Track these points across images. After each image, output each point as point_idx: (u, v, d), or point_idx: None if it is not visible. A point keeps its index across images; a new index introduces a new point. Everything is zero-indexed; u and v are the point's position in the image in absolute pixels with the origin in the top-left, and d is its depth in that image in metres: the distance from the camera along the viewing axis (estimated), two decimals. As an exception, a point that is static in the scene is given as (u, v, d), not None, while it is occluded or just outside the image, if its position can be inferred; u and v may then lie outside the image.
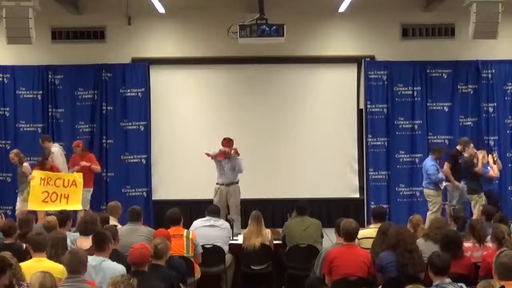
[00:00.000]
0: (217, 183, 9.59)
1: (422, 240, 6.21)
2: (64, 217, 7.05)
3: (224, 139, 9.53)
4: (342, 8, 10.72)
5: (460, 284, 4.87)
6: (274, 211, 10.88)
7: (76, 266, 4.70)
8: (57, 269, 4.95)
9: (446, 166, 10.12)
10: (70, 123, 11.23)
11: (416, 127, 11.28)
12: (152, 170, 11.34)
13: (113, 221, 7.35)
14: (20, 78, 11.21)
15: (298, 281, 7.17)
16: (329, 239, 8.39)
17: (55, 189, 9.19)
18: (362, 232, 6.72)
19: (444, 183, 10.14)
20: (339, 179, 11.38)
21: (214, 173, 10.13)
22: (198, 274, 6.94)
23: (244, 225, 9.01)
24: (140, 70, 11.28)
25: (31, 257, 5.35)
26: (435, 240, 6.04)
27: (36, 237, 5.36)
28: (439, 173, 10.04)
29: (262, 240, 7.56)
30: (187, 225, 7.61)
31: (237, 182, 9.59)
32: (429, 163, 10.17)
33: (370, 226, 7.24)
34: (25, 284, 4.37)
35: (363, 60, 11.35)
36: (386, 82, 11.28)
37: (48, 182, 9.21)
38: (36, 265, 4.84)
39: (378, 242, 6.16)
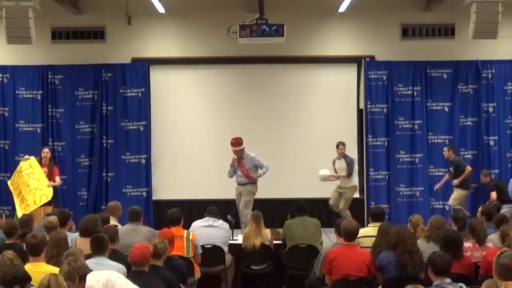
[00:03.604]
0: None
1: (424, 242, 6.19)
2: (65, 217, 7.06)
3: (232, 139, 9.59)
4: (342, 8, 10.72)
5: (460, 284, 4.87)
6: (274, 211, 10.86)
7: None
8: (55, 272, 4.93)
9: None
10: (70, 123, 11.22)
11: (416, 127, 11.28)
12: (152, 170, 11.34)
13: (113, 221, 7.35)
14: (20, 78, 11.20)
15: (298, 281, 7.18)
16: (329, 239, 8.40)
17: (22, 185, 9.33)
18: (360, 231, 6.70)
19: None
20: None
21: (214, 173, 10.18)
22: (198, 274, 6.94)
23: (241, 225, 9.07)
24: (140, 70, 11.27)
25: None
26: (437, 240, 6.03)
27: (31, 240, 5.18)
28: None
29: (262, 240, 7.57)
30: (187, 226, 7.61)
31: (251, 183, 9.63)
32: None
33: (369, 225, 7.25)
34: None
35: (363, 60, 11.35)
36: (386, 82, 11.27)
37: (27, 173, 9.39)
38: (34, 270, 4.80)
39: (381, 242, 6.13)
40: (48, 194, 9.36)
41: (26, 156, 9.75)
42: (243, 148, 9.57)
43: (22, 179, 9.45)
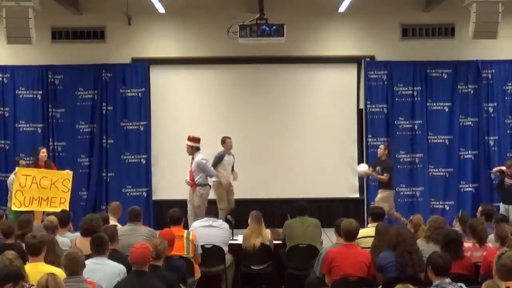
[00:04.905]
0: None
1: (424, 242, 6.19)
2: (65, 217, 7.05)
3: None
4: (342, 8, 10.72)
5: (460, 284, 4.87)
6: (274, 211, 10.85)
7: (74, 267, 4.70)
8: (55, 272, 4.93)
9: None
10: (70, 123, 11.23)
11: (416, 127, 11.28)
12: (152, 170, 11.34)
13: (113, 221, 7.36)
14: (20, 78, 11.20)
15: (298, 281, 7.18)
16: (329, 239, 8.40)
17: (38, 192, 9.01)
18: (360, 232, 6.69)
19: None
20: (339, 179, 11.38)
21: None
22: (198, 274, 6.94)
23: (241, 225, 9.02)
24: (140, 70, 11.28)
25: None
26: (437, 241, 6.03)
27: (31, 240, 5.14)
28: None
29: (262, 240, 7.57)
30: (186, 226, 7.61)
31: (201, 185, 9.72)
32: None
33: (368, 226, 7.25)
34: (27, 286, 4.36)
35: (363, 60, 11.35)
36: (386, 82, 11.28)
37: (32, 181, 9.03)
38: (33, 270, 4.79)
39: (380, 243, 6.13)
40: (67, 176, 9.16)
41: (11, 176, 9.40)
42: (195, 147, 9.72)
43: (33, 190, 9.02)
